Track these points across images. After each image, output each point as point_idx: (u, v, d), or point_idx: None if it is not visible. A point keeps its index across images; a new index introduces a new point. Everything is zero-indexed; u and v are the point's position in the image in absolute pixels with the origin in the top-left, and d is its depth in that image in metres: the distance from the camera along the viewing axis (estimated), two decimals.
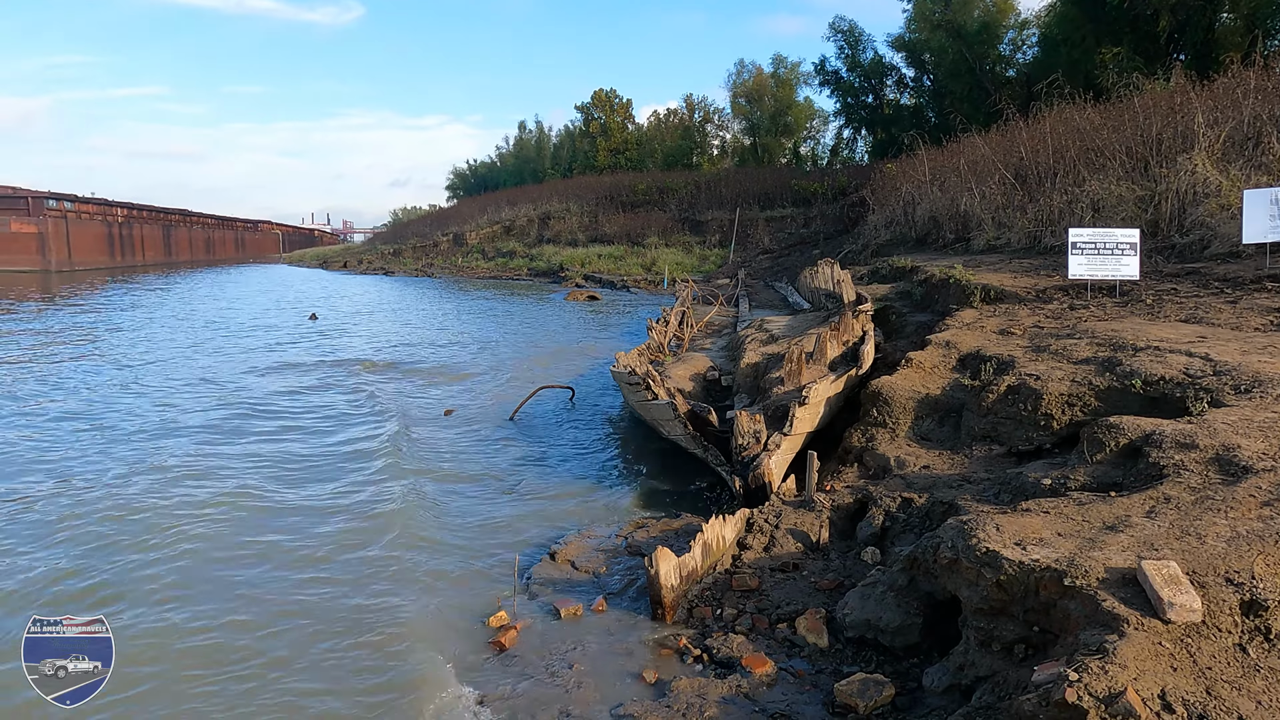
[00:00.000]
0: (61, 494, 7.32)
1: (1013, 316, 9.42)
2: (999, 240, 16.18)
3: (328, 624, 5.05)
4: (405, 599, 5.40)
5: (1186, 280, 9.98)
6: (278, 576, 5.74)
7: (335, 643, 4.83)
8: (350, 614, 5.19)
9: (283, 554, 6.12)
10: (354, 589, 5.54)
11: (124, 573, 5.71)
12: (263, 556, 6.08)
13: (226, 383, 12.98)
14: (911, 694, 4.02)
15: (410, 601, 5.36)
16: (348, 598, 5.41)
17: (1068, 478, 5.08)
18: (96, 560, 5.90)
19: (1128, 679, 2.83)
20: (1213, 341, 6.87)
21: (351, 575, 5.76)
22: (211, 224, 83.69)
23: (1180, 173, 12.25)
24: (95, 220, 57.77)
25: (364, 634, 4.92)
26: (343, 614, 5.19)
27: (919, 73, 41.04)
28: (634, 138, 61.51)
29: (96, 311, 25.30)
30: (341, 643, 4.83)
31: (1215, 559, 3.44)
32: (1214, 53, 21.76)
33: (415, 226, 68.53)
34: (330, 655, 4.70)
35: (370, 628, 5.00)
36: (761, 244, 36.11)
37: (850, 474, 6.95)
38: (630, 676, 4.41)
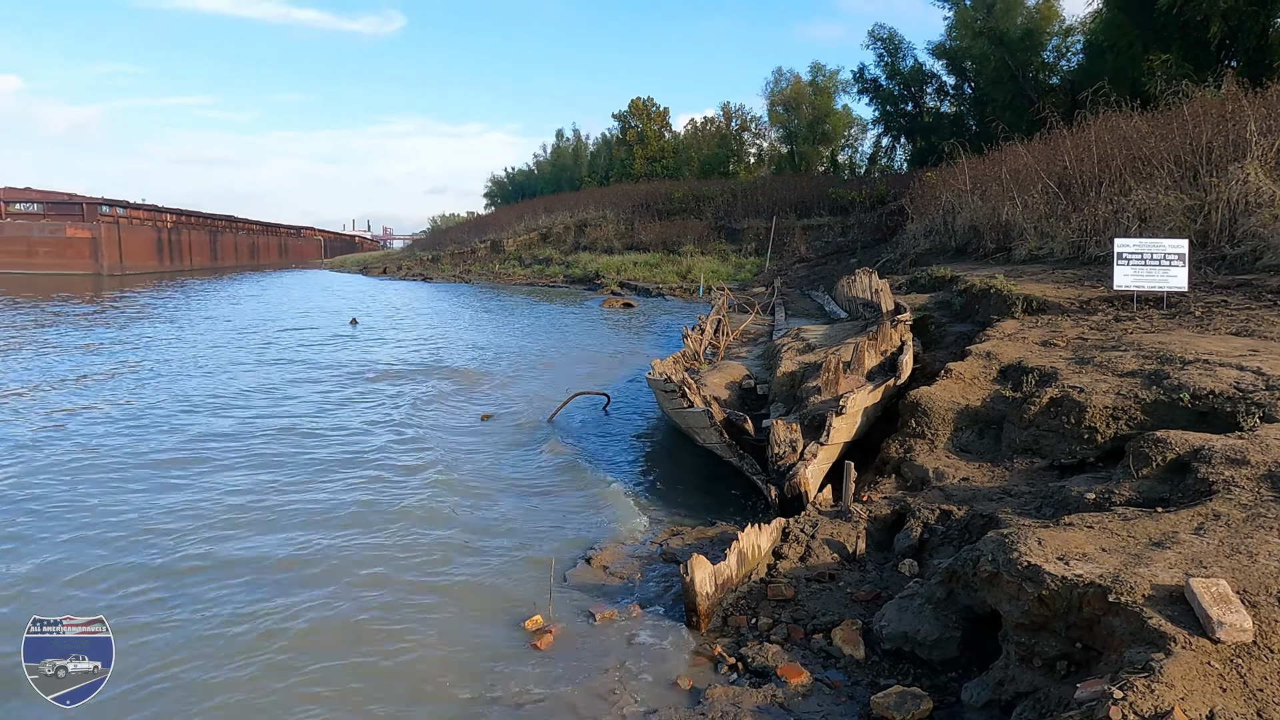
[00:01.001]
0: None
1: (1056, 328, 9.26)
2: (1041, 250, 15.91)
3: (361, 626, 5.14)
4: (442, 600, 5.47)
5: (1237, 292, 9.73)
6: (311, 575, 5.85)
7: (371, 646, 4.90)
8: (386, 615, 5.27)
9: (319, 553, 6.24)
10: (390, 590, 5.62)
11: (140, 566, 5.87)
12: (297, 555, 6.20)
13: (269, 388, 13.26)
14: (949, 708, 3.97)
15: (447, 603, 5.43)
16: (384, 599, 5.49)
17: (1112, 492, 4.98)
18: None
19: (1174, 699, 2.77)
20: (1265, 355, 6.69)
21: (387, 577, 5.85)
22: (256, 230, 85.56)
23: (1231, 182, 11.95)
24: (145, 226, 59.39)
25: (400, 637, 5.00)
26: (378, 615, 5.27)
27: (960, 80, 40.57)
28: (670, 146, 61.66)
29: (150, 314, 26.00)
30: (377, 646, 4.90)
31: (1268, 578, 3.36)
32: (1267, 59, 21.21)
33: (453, 233, 69.35)
34: (366, 658, 4.77)
35: (406, 629, 5.08)
36: (798, 252, 35.91)
37: (888, 485, 6.89)
38: (664, 683, 4.42)
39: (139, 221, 58.37)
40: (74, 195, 52.82)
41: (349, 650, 4.83)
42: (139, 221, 58.37)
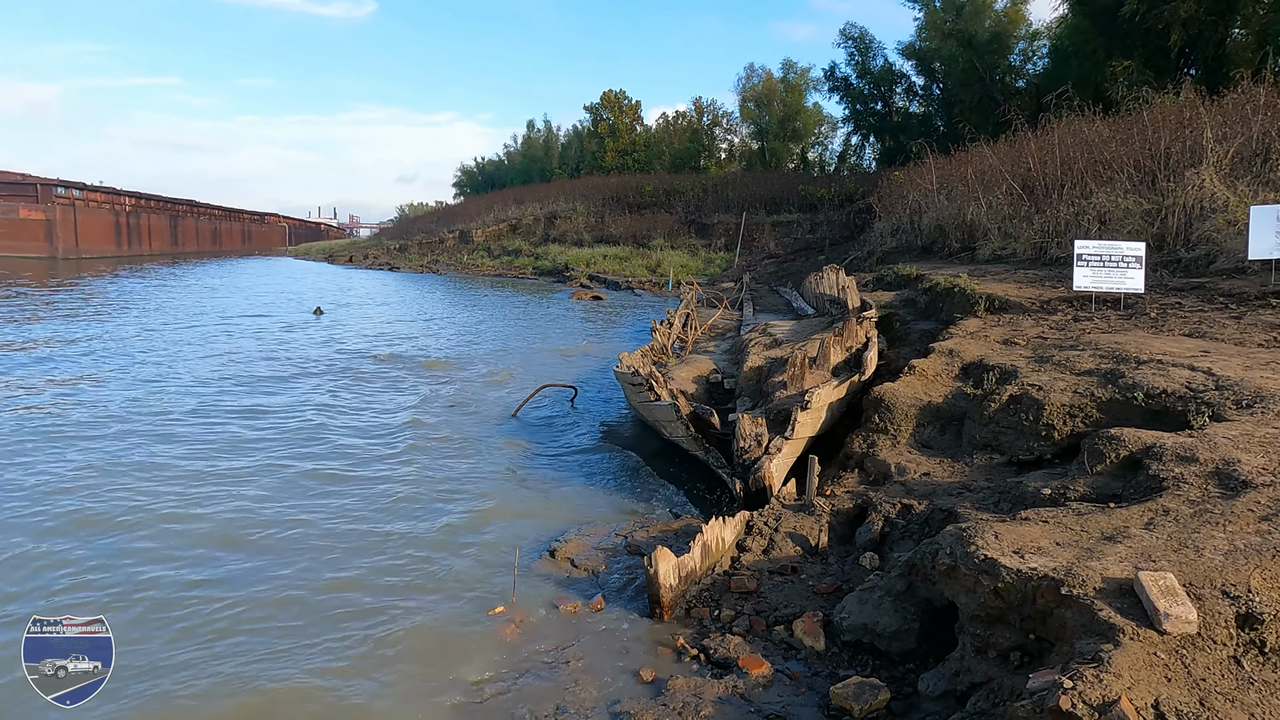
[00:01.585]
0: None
1: (1017, 327, 9.43)
2: (1005, 250, 16.19)
3: (324, 612, 5.08)
4: (403, 591, 5.43)
5: (1191, 295, 9.99)
6: (273, 561, 5.77)
7: (332, 631, 4.86)
8: (347, 603, 5.22)
9: (278, 542, 6.15)
10: (352, 580, 5.57)
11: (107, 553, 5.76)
12: (255, 540, 6.11)
13: (227, 378, 13.03)
14: (907, 699, 4.04)
15: (408, 594, 5.40)
16: (345, 588, 5.44)
17: (1067, 488, 5.10)
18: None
19: (1122, 688, 2.85)
20: (1216, 356, 6.89)
21: (350, 566, 5.80)
22: (218, 215, 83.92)
23: (1188, 187, 12.26)
24: (103, 209, 57.95)
25: (361, 624, 4.96)
26: (340, 603, 5.22)
27: (929, 81, 41.06)
28: (642, 139, 61.55)
29: (108, 299, 25.38)
30: (338, 631, 4.86)
31: (1212, 572, 3.46)
32: (1225, 68, 21.72)
33: (422, 223, 68.60)
34: (328, 644, 4.73)
35: (368, 618, 5.04)
36: (767, 249, 36.13)
37: (851, 479, 6.97)
38: (627, 674, 4.43)
39: (96, 204, 56.93)
40: (27, 175, 51.29)
41: (307, 640, 4.78)
42: (96, 204, 56.93)
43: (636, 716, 3.95)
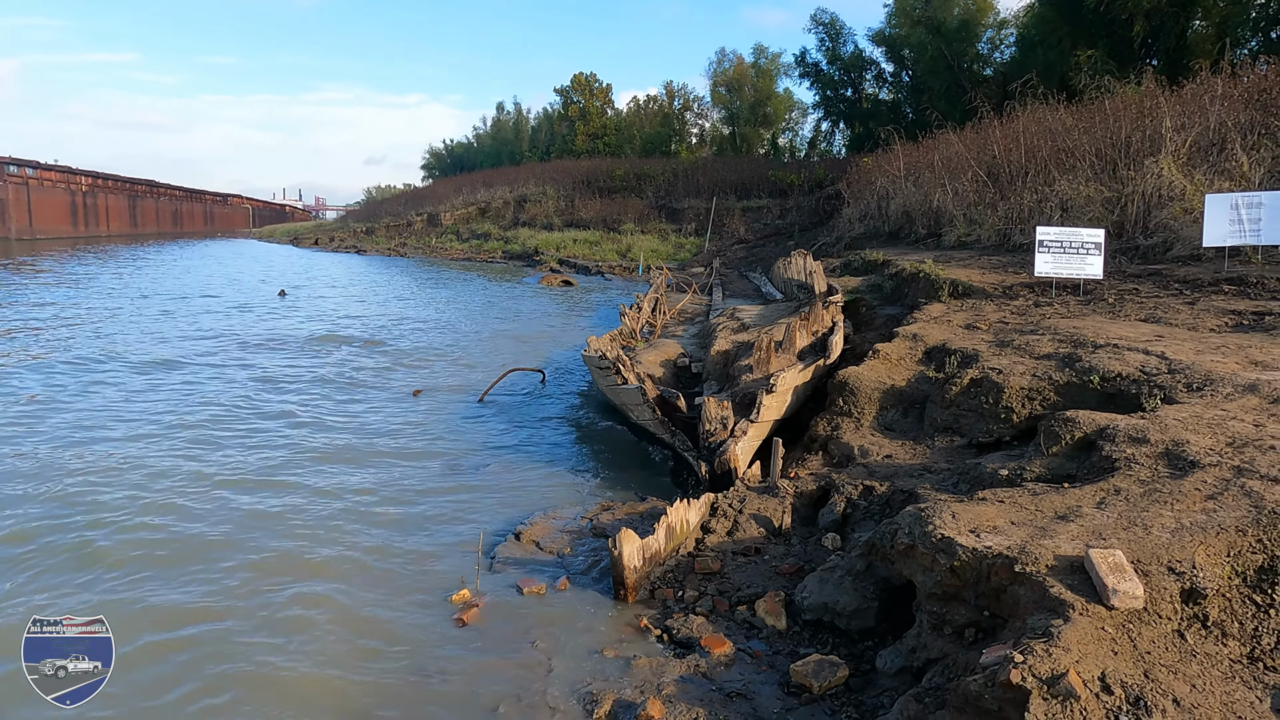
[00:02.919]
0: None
1: (979, 312, 9.57)
2: (970, 237, 16.40)
3: (280, 603, 5.03)
4: (366, 576, 5.40)
5: (1148, 281, 10.20)
6: (231, 551, 5.70)
7: (292, 622, 4.81)
8: (307, 591, 5.17)
9: (236, 530, 6.08)
10: (311, 566, 5.51)
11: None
12: (213, 530, 6.03)
13: (189, 360, 12.80)
14: (865, 675, 4.11)
15: (371, 578, 5.36)
16: (304, 575, 5.39)
17: (1024, 469, 5.19)
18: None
19: (1070, 662, 2.92)
20: (1169, 341, 7.05)
21: (311, 552, 5.74)
22: (179, 196, 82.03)
23: (1147, 176, 12.50)
24: (58, 188, 56.35)
25: (321, 611, 4.92)
26: (298, 592, 5.17)
27: (898, 68, 41.28)
28: (613, 123, 61.21)
29: (65, 282, 24.74)
30: (297, 623, 4.81)
31: (1159, 549, 3.55)
32: (1185, 59, 22.13)
33: (389, 205, 67.68)
34: (286, 634, 4.68)
35: (331, 603, 5.00)
36: (737, 234, 36.21)
37: (815, 462, 7.05)
38: (591, 654, 4.45)
39: (51, 183, 55.35)
40: None
41: (267, 627, 4.73)
42: (51, 183, 55.35)
43: (599, 695, 3.98)
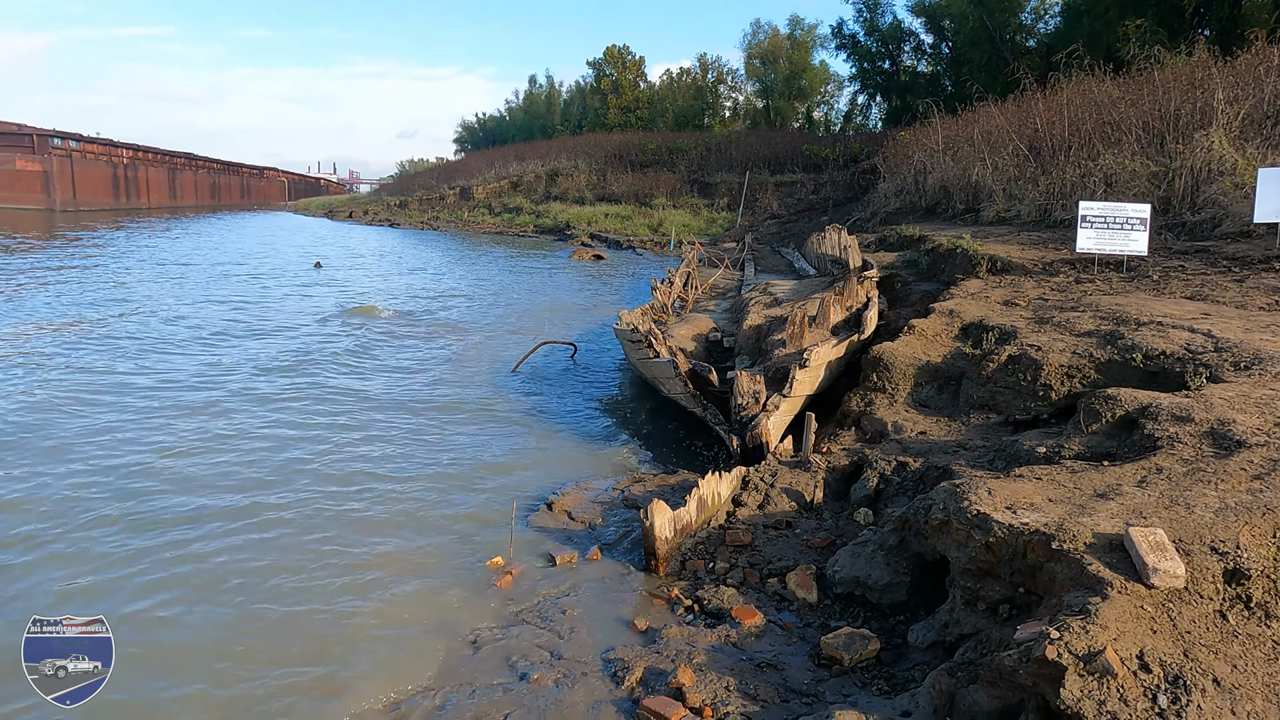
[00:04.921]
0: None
1: (1018, 288, 9.39)
2: (1009, 212, 16.04)
3: (323, 568, 5.14)
4: (403, 543, 5.50)
5: (1195, 258, 9.93)
6: (271, 520, 5.83)
7: (333, 586, 4.92)
8: (347, 555, 5.28)
9: (279, 498, 6.21)
10: (350, 532, 5.62)
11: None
12: (257, 499, 6.17)
13: (231, 333, 13.03)
14: (896, 649, 4.10)
15: (408, 545, 5.46)
16: (344, 540, 5.50)
17: (1062, 446, 5.12)
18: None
19: (1107, 639, 2.89)
20: (1216, 319, 6.87)
21: (348, 517, 5.85)
22: (217, 169, 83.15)
23: (1196, 149, 12.10)
24: (100, 161, 57.38)
25: (359, 575, 5.02)
26: (340, 557, 5.27)
27: (937, 39, 40.28)
28: (645, 96, 60.64)
29: (111, 254, 25.27)
30: (339, 586, 4.92)
31: (1202, 528, 3.49)
32: (1239, 28, 21.28)
33: (422, 179, 67.87)
34: (326, 598, 4.79)
35: (366, 569, 5.10)
36: (770, 208, 35.80)
37: (847, 437, 7.01)
38: (621, 623, 4.50)
39: (93, 156, 56.38)
40: (24, 126, 50.73)
41: (308, 591, 4.84)
42: (93, 156, 56.38)
43: (630, 664, 4.02)
